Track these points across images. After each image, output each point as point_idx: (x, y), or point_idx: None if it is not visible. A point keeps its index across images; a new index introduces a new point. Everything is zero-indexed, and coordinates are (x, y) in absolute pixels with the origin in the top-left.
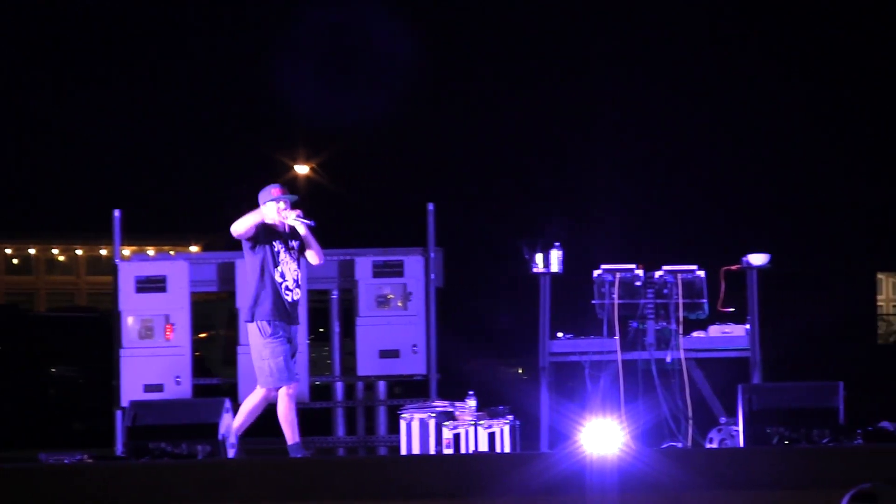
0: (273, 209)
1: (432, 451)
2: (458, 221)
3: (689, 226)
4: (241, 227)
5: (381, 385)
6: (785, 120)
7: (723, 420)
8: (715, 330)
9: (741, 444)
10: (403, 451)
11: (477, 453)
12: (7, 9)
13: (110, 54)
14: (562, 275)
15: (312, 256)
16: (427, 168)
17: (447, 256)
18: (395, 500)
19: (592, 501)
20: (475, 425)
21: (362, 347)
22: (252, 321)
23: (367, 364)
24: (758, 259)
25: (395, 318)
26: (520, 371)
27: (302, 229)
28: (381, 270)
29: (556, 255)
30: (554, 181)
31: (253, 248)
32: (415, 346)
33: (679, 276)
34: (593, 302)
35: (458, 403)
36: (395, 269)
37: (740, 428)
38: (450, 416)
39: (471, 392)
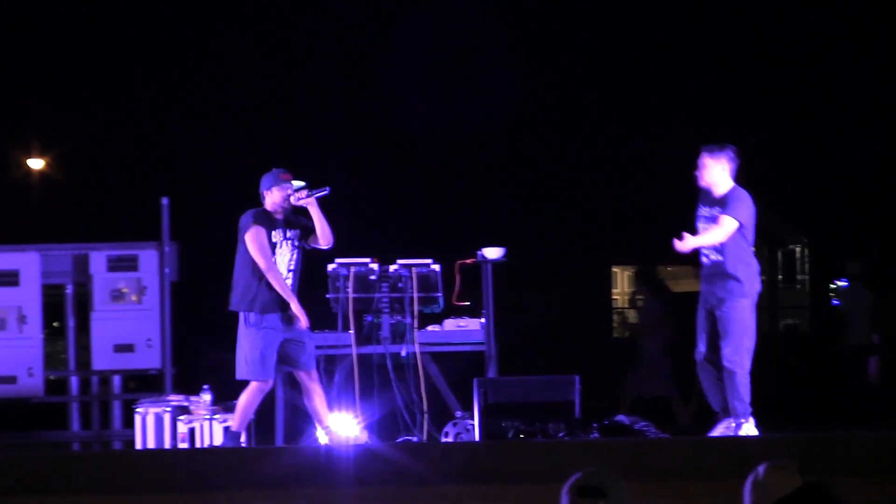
0: (280, 195)
1: (167, 445)
2: (194, 215)
3: (424, 219)
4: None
5: (117, 379)
6: (518, 111)
7: (458, 414)
8: (450, 324)
9: (477, 437)
10: (139, 446)
11: (212, 448)
12: None
13: None
14: None
15: (325, 236)
16: (162, 162)
17: (183, 250)
18: (130, 494)
19: (328, 495)
20: (210, 419)
21: (97, 342)
22: (239, 311)
23: (103, 358)
24: (492, 253)
25: (130, 313)
26: None
27: (314, 209)
28: (115, 265)
29: None
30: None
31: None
32: (149, 340)
33: (414, 269)
34: (328, 296)
35: (193, 398)
36: (129, 264)
37: (476, 422)
38: (185, 411)
39: (206, 386)
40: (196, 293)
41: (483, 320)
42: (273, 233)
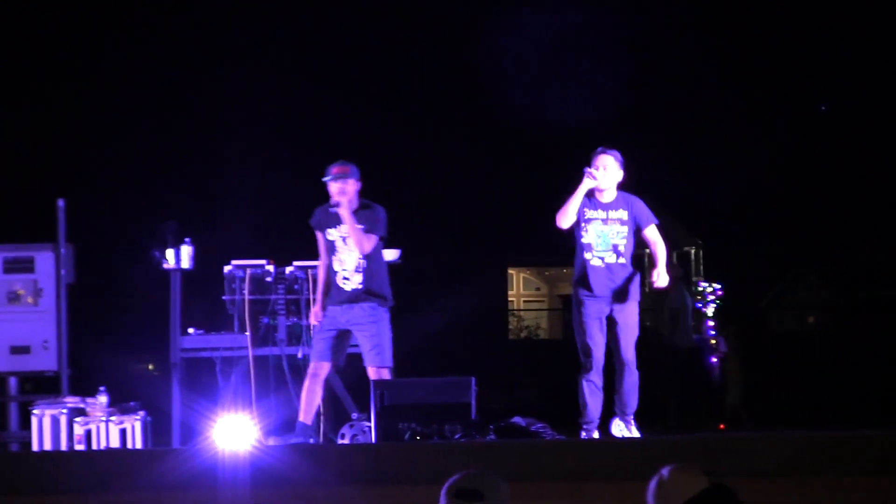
0: (333, 190)
1: (64, 447)
2: (90, 217)
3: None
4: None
5: (13, 381)
6: (409, 109)
7: (355, 416)
8: None
9: (373, 439)
10: (35, 448)
11: (108, 449)
12: None
13: None
14: (193, 270)
15: (357, 245)
16: (58, 163)
17: (79, 252)
18: (27, 496)
19: (224, 497)
20: (107, 421)
21: None
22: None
23: None
24: (388, 254)
25: (26, 315)
26: (150, 367)
27: (344, 218)
28: (11, 266)
29: (186, 251)
30: (187, 175)
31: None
32: (46, 341)
33: (310, 271)
34: (224, 298)
35: (89, 399)
36: (25, 265)
37: (372, 424)
38: (81, 413)
39: (102, 388)
40: (93, 295)
41: None
42: (330, 231)
